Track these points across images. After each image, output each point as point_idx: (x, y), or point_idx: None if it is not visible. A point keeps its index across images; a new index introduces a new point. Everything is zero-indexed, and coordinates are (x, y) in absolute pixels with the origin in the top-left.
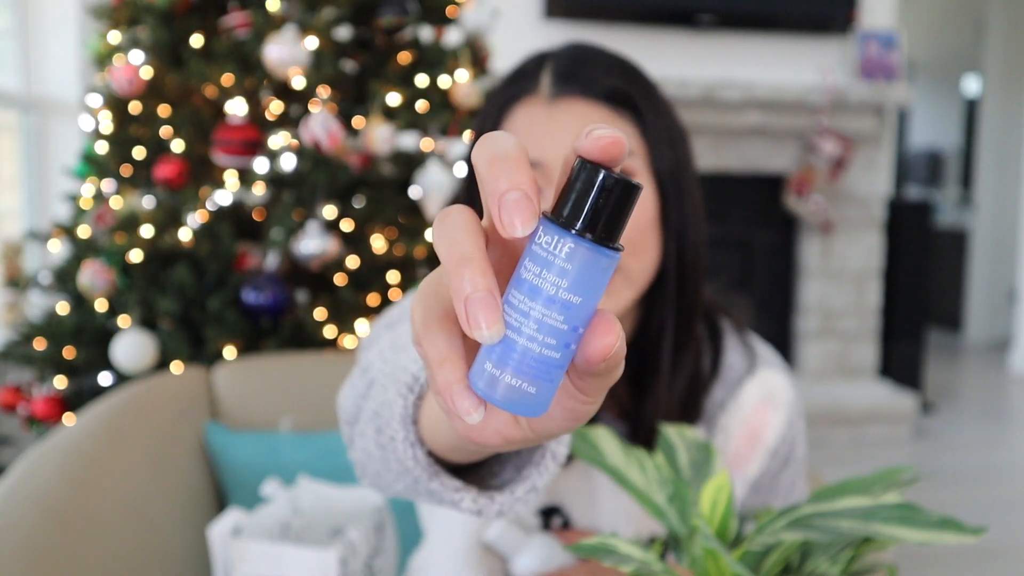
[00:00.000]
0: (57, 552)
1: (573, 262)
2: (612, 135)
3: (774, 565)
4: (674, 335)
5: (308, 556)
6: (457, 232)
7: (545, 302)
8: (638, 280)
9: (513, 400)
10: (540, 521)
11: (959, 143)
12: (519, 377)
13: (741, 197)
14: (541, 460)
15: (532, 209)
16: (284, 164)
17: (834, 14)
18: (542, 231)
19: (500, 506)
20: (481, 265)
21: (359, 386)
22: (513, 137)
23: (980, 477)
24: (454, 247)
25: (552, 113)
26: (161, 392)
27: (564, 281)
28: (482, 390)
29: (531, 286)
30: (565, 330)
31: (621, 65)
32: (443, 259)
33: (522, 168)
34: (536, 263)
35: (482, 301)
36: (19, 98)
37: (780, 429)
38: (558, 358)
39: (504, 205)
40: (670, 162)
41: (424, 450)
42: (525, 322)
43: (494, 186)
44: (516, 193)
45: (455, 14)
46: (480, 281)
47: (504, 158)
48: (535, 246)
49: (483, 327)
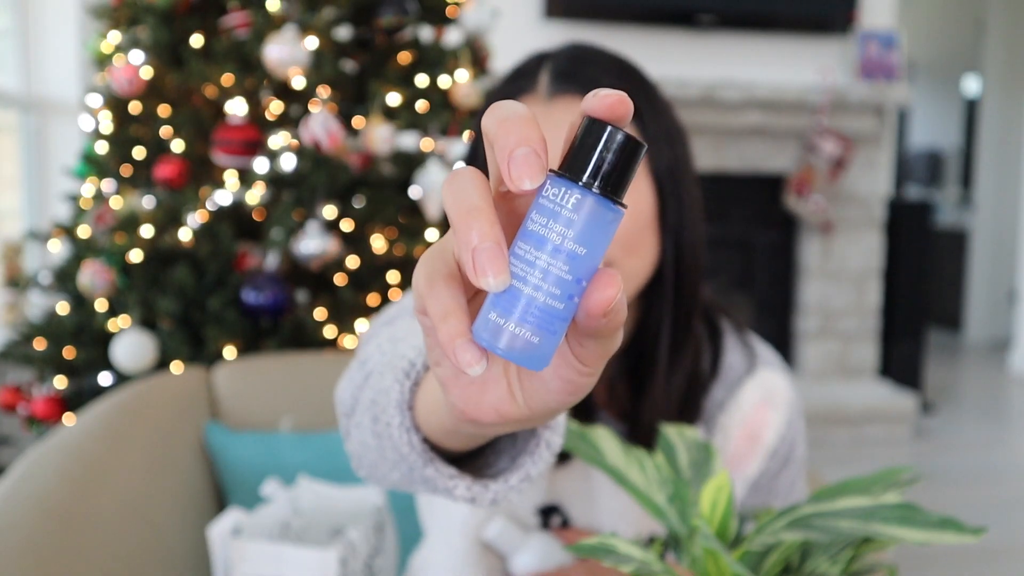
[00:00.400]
0: (57, 552)
1: (579, 212)
2: (618, 94)
3: (774, 565)
4: (672, 334)
5: (308, 556)
6: (466, 187)
7: (551, 252)
8: (635, 279)
9: (517, 349)
10: (539, 520)
11: (959, 143)
12: (523, 326)
13: (741, 197)
14: (536, 449)
15: (540, 164)
16: (284, 164)
17: (834, 14)
18: (550, 184)
19: (494, 494)
20: (489, 216)
21: (356, 378)
22: (521, 104)
23: (980, 477)
24: (462, 200)
25: (550, 111)
26: (161, 392)
27: (570, 231)
28: (486, 340)
29: (538, 236)
30: (570, 280)
31: (620, 65)
32: (451, 211)
33: (532, 126)
34: (543, 214)
35: (489, 251)
36: (19, 98)
37: (780, 429)
38: (562, 309)
39: (514, 160)
40: (669, 161)
41: (420, 436)
42: (531, 271)
43: (504, 142)
44: (525, 148)
45: (455, 14)
46: (488, 231)
47: (514, 117)
48: (542, 199)
49: (489, 275)
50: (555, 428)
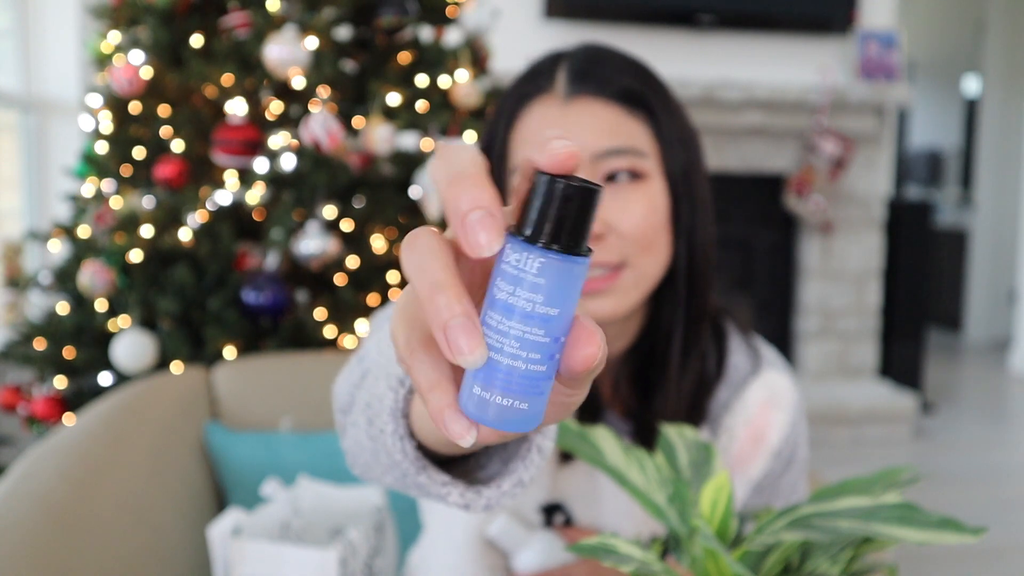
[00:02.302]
0: (57, 552)
1: (545, 276)
2: (567, 149)
3: (774, 565)
4: (683, 336)
5: (308, 556)
6: (426, 258)
7: (523, 319)
8: (648, 279)
9: (505, 419)
10: (542, 518)
11: (959, 143)
12: (509, 396)
13: (741, 197)
14: (527, 454)
15: (496, 227)
16: (284, 164)
17: (834, 14)
18: (509, 248)
19: (487, 500)
20: (455, 290)
21: (354, 375)
22: (471, 149)
23: (980, 477)
24: (425, 274)
25: (567, 112)
26: (161, 392)
27: (539, 296)
28: (473, 413)
29: (505, 305)
30: (547, 343)
31: (636, 66)
32: (416, 287)
33: (482, 185)
34: (507, 281)
35: (461, 327)
36: (19, 98)
37: (784, 430)
38: (544, 371)
39: (468, 226)
40: (682, 163)
41: (413, 444)
42: (506, 341)
43: (455, 206)
44: (478, 213)
45: (455, 14)
46: (456, 307)
47: (462, 176)
48: (504, 264)
49: (465, 352)
50: (546, 432)
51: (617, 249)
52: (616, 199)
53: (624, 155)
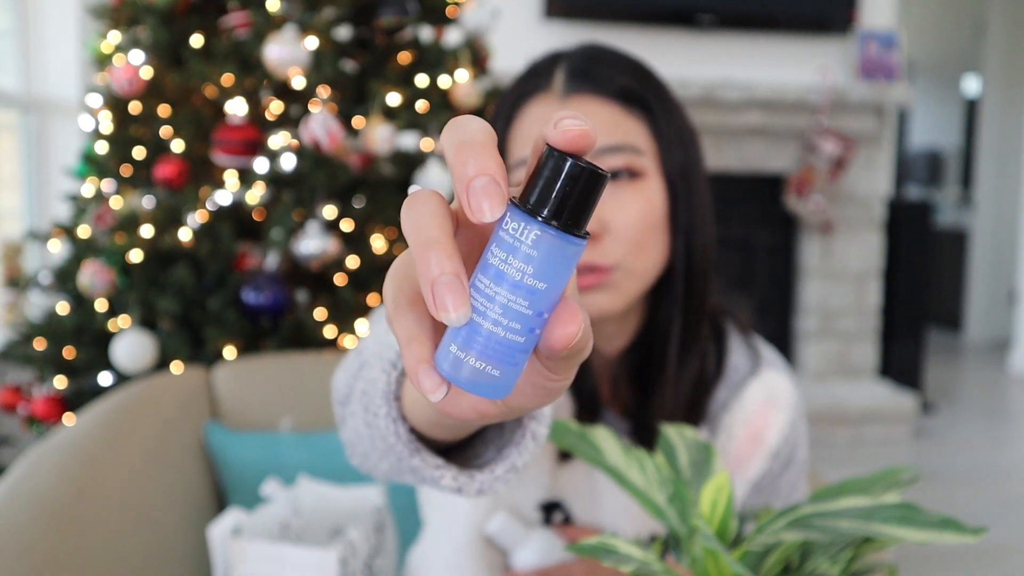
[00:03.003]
0: (57, 552)
1: (539, 249)
2: (580, 127)
3: (774, 565)
4: (681, 335)
5: (308, 556)
6: (424, 216)
7: (511, 287)
8: (642, 277)
9: (476, 382)
10: (541, 516)
11: (959, 143)
12: (483, 360)
13: (741, 197)
14: (521, 440)
15: (500, 194)
16: (284, 164)
17: (834, 14)
18: (509, 217)
19: (480, 484)
20: (448, 249)
21: (352, 367)
22: (481, 120)
23: (980, 477)
24: (421, 231)
25: (564, 110)
26: (161, 392)
27: (529, 267)
28: (447, 371)
29: (497, 271)
30: (530, 315)
31: (634, 65)
32: (410, 243)
33: (489, 153)
34: (502, 248)
35: (449, 284)
36: (19, 98)
37: (783, 430)
38: (522, 342)
39: (472, 191)
40: (680, 162)
41: (406, 426)
42: (491, 306)
43: (462, 171)
44: (484, 179)
45: (455, 14)
46: (447, 264)
47: (471, 143)
48: (502, 232)
49: (450, 310)
50: (541, 419)
51: (611, 251)
52: (613, 197)
53: (621, 152)
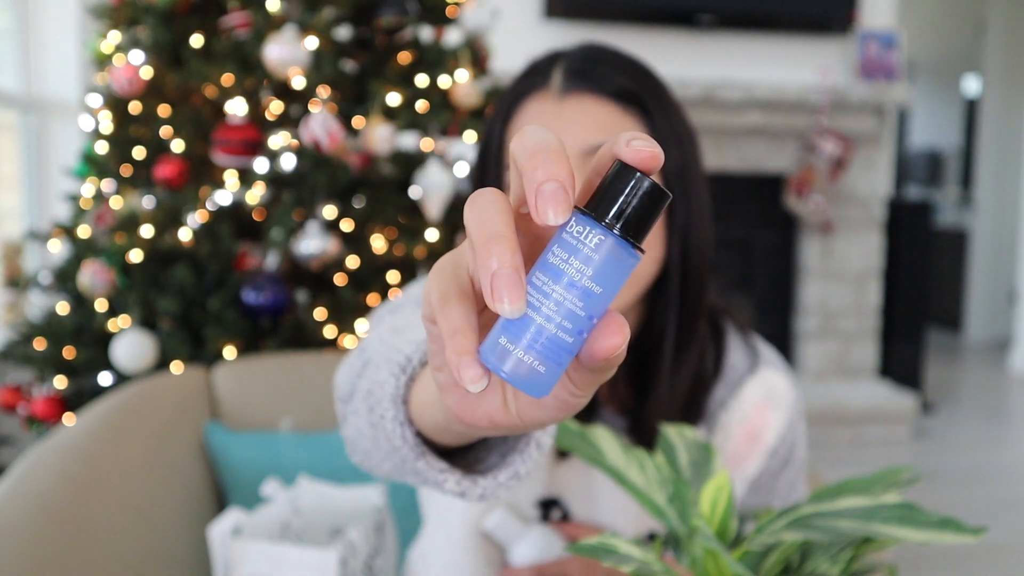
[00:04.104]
0: (57, 552)
1: (600, 252)
2: (652, 150)
3: (774, 565)
4: (676, 335)
5: (308, 556)
6: (489, 211)
7: (567, 286)
8: (639, 278)
9: (520, 376)
10: (539, 512)
11: (959, 143)
12: (531, 354)
13: (741, 197)
14: (525, 448)
15: (567, 200)
16: (284, 164)
17: (834, 14)
18: (574, 221)
19: (483, 490)
20: (510, 243)
21: (355, 365)
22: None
23: (980, 477)
24: (485, 224)
25: (561, 108)
26: (161, 392)
27: (589, 269)
28: (492, 363)
29: (556, 270)
30: (582, 316)
31: (632, 65)
32: (473, 235)
33: (562, 160)
34: (564, 249)
35: (508, 276)
36: (19, 98)
37: (780, 429)
38: (570, 343)
39: (541, 194)
40: (677, 162)
41: (412, 430)
42: (546, 303)
43: (532, 175)
44: (554, 184)
45: (455, 14)
46: (508, 258)
47: (544, 150)
48: (565, 234)
49: (505, 301)
50: (546, 428)
51: None
52: None
53: None
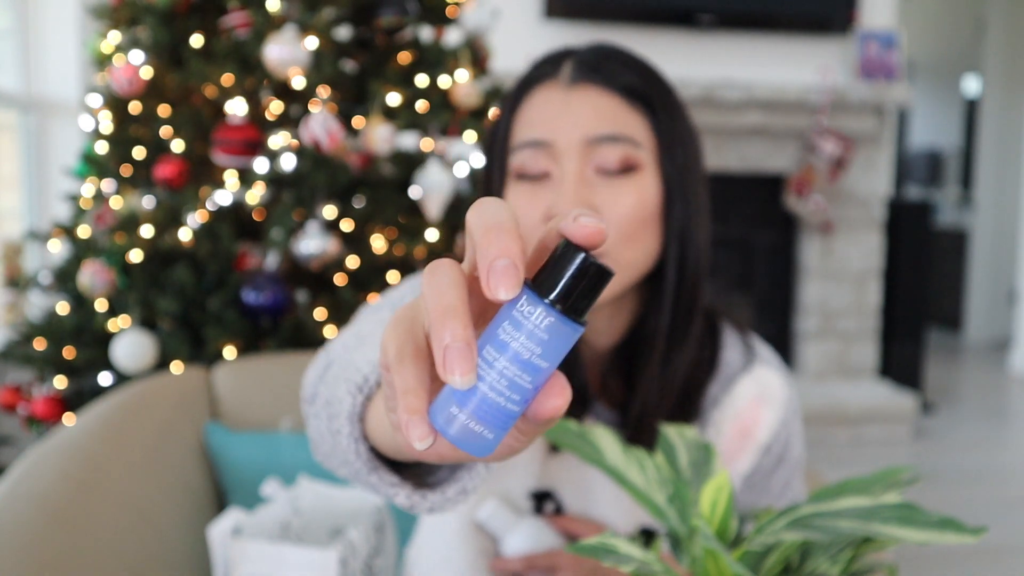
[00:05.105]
0: (57, 552)
1: (550, 333)
2: (596, 225)
3: (774, 565)
4: (669, 333)
5: (308, 556)
6: (444, 283)
7: (519, 364)
8: (630, 269)
9: (466, 440)
10: (532, 505)
11: (959, 143)
12: (478, 422)
13: (741, 197)
14: (474, 466)
15: (517, 277)
16: (284, 164)
17: (834, 14)
18: (525, 300)
19: (431, 504)
20: (464, 318)
21: (320, 366)
22: (506, 204)
23: (980, 477)
24: (441, 297)
25: (569, 98)
26: (161, 392)
27: (538, 348)
28: (440, 425)
29: (504, 344)
30: (530, 389)
31: (642, 66)
32: (430, 306)
33: (514, 238)
34: (514, 327)
35: (460, 351)
36: (19, 98)
37: (773, 426)
38: (516, 411)
39: (492, 271)
40: (679, 163)
41: (367, 446)
42: (494, 376)
43: (486, 251)
44: (505, 261)
45: (455, 14)
46: (460, 333)
47: (498, 227)
48: (516, 312)
49: (457, 374)
50: None
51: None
52: (608, 189)
53: (619, 143)
